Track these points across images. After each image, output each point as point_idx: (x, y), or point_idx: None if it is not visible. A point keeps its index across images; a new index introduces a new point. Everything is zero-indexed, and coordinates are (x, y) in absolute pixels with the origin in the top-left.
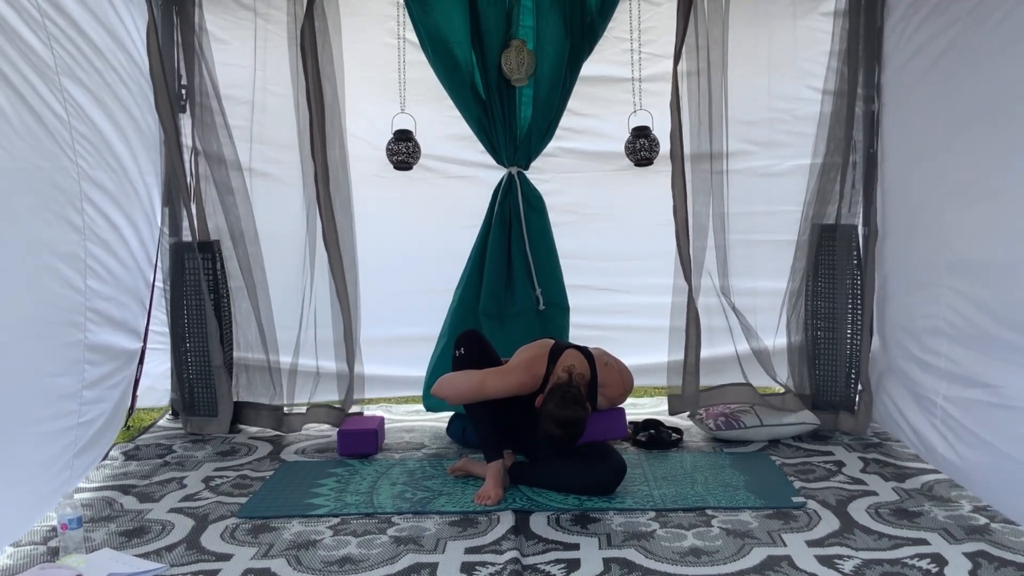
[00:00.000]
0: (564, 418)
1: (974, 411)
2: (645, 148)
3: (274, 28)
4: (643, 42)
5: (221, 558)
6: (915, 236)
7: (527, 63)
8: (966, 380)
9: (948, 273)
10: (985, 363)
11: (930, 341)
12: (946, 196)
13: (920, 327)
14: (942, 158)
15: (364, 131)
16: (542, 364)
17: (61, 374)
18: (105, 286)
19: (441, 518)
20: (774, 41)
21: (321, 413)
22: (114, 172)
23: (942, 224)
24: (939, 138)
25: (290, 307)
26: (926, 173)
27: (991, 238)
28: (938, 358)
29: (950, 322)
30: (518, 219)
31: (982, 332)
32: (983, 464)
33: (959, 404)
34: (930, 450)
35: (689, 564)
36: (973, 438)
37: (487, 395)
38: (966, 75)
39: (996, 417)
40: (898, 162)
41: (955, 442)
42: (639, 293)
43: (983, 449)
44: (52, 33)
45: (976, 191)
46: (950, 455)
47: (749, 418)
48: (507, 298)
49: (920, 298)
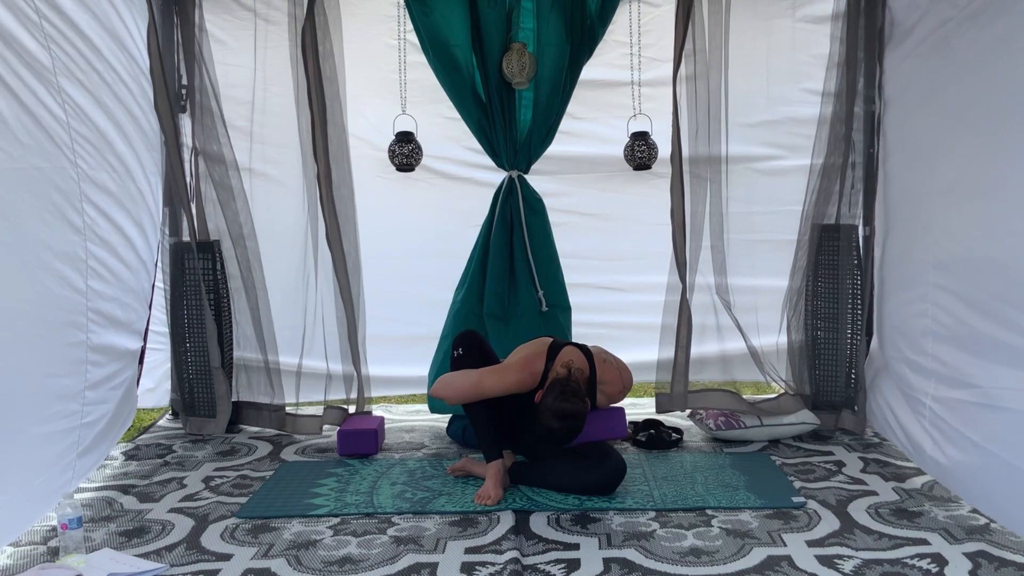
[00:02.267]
0: (563, 411)
1: (961, 411)
2: (644, 153)
3: (274, 28)
4: (642, 45)
5: (221, 558)
6: (910, 236)
7: (528, 67)
8: (953, 380)
9: (935, 271)
10: (971, 362)
11: (919, 340)
12: (938, 195)
13: (911, 327)
14: (935, 158)
15: (365, 132)
16: (540, 361)
17: (63, 375)
18: (107, 287)
19: (441, 518)
20: (773, 43)
21: (331, 414)
22: (116, 173)
23: (932, 223)
24: (934, 138)
25: (290, 307)
26: (920, 173)
27: (978, 235)
28: (926, 358)
29: (937, 320)
30: (519, 222)
31: (968, 329)
32: (969, 465)
33: (947, 404)
34: (918, 451)
35: (689, 564)
36: (961, 439)
37: (486, 393)
38: (964, 75)
39: (982, 417)
40: (897, 162)
41: (942, 442)
42: (637, 291)
43: (970, 450)
44: (50, 34)
45: (965, 189)
46: (937, 456)
47: (749, 418)
48: (511, 300)
49: (910, 297)
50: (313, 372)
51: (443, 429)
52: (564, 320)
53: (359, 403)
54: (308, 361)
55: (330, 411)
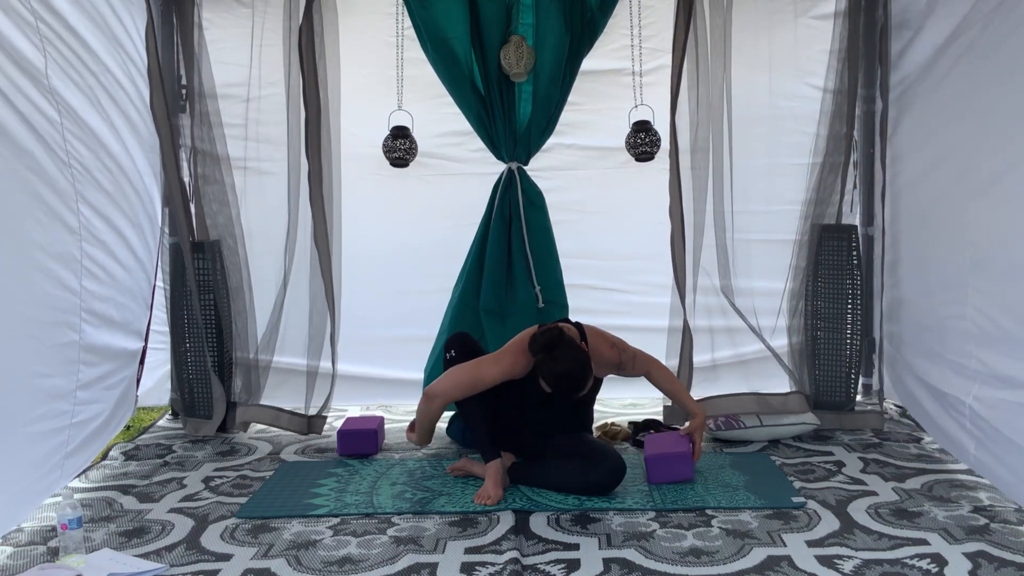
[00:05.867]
0: (552, 343)
1: (1004, 411)
2: (646, 143)
3: (272, 26)
4: (644, 37)
5: (221, 558)
6: (940, 237)
7: (526, 59)
8: (996, 381)
9: (973, 273)
10: (1014, 365)
11: (959, 342)
12: (971, 197)
13: (947, 327)
14: (960, 157)
15: (360, 128)
16: (528, 337)
17: (53, 374)
18: (102, 287)
19: (441, 518)
20: (775, 38)
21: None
22: (112, 173)
23: (967, 224)
24: (957, 137)
25: (293, 306)
26: (948, 174)
27: (1016, 237)
28: (969, 359)
29: (976, 322)
30: (518, 215)
31: (1007, 332)
32: (1015, 465)
33: (988, 404)
34: (961, 450)
35: (689, 564)
36: (1004, 440)
37: (484, 381)
38: (985, 73)
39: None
40: (912, 162)
41: (987, 443)
42: (640, 293)
43: (1014, 451)
44: (45, 36)
45: (1003, 191)
46: (982, 456)
47: (749, 418)
48: (508, 295)
49: (946, 298)
50: (306, 372)
51: (443, 429)
52: (560, 317)
53: (326, 404)
54: (311, 361)
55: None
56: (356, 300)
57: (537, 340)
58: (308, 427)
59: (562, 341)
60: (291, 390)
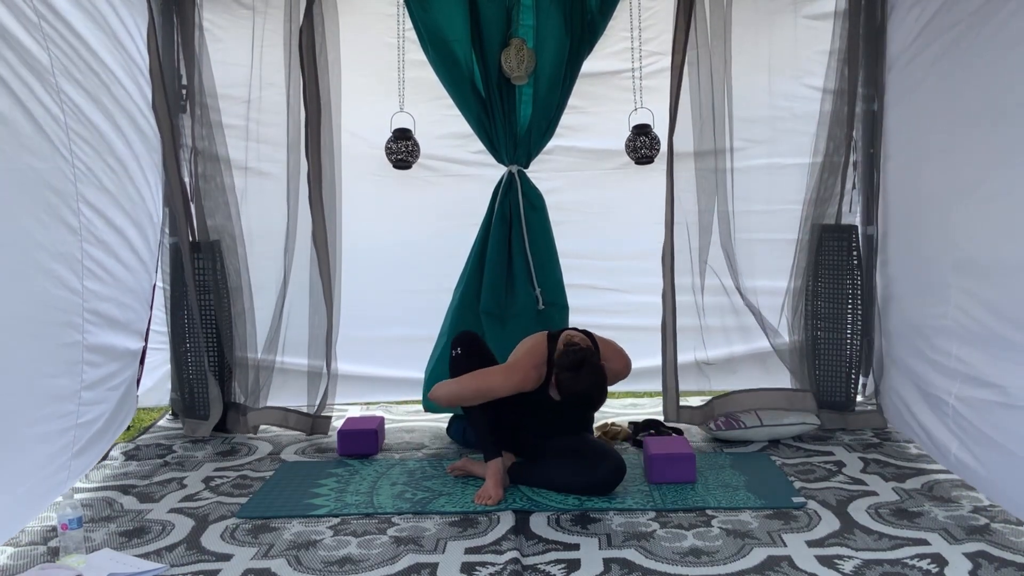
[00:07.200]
0: (577, 361)
1: (984, 411)
2: (646, 146)
3: (272, 27)
4: (644, 39)
5: (221, 558)
6: (924, 236)
7: (527, 61)
8: (976, 380)
9: (955, 272)
10: (993, 363)
11: (941, 340)
12: (954, 196)
13: (930, 326)
14: (947, 157)
15: (362, 129)
16: (542, 349)
17: (58, 375)
18: (104, 287)
19: (441, 518)
20: (775, 38)
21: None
22: (115, 173)
23: (950, 224)
24: (943, 137)
25: (293, 307)
26: (933, 173)
27: (998, 236)
28: (949, 358)
29: (958, 321)
30: (518, 217)
31: (989, 330)
32: (993, 464)
33: (970, 404)
34: (943, 451)
35: (689, 564)
36: (984, 439)
37: (494, 394)
38: (970, 73)
39: (1006, 417)
40: (902, 161)
41: (968, 442)
42: (640, 293)
43: (994, 449)
44: (48, 34)
45: (985, 191)
46: (963, 456)
47: (749, 418)
48: (508, 297)
49: (930, 298)
50: (305, 371)
51: (443, 429)
52: (561, 319)
53: (320, 406)
54: (313, 361)
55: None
56: (356, 300)
57: (567, 357)
58: (313, 427)
59: (589, 363)
60: (294, 391)
